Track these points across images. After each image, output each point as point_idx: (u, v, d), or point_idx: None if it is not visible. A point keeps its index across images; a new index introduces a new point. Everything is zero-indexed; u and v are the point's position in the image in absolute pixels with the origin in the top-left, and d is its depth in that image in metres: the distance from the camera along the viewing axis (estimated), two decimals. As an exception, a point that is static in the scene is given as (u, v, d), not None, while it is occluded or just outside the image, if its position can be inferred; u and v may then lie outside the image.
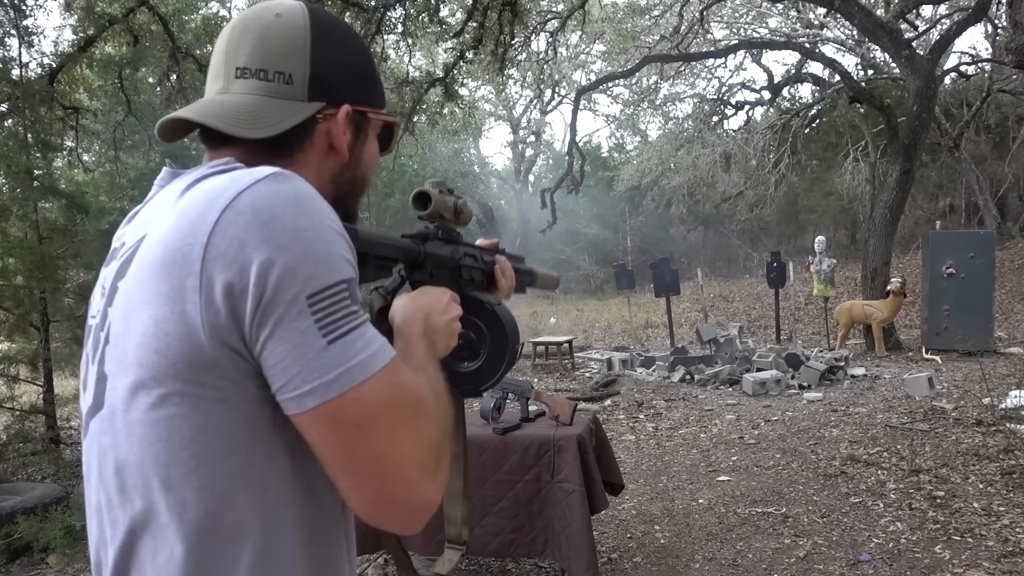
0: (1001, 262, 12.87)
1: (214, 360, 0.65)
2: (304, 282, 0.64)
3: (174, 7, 9.42)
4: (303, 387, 0.65)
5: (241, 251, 0.64)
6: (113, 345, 0.69)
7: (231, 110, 0.76)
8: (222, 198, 0.66)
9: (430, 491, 0.72)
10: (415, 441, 0.70)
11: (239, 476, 0.67)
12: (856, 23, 10.05)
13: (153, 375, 0.65)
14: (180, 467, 0.66)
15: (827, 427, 5.84)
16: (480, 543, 3.03)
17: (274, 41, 0.78)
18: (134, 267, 0.69)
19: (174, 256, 0.65)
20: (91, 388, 0.73)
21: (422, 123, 12.85)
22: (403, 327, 0.83)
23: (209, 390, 0.65)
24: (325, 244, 0.67)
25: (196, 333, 0.64)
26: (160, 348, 0.65)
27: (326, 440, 0.67)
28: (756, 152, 18.39)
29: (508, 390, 3.18)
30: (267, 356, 0.65)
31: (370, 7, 9.52)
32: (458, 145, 27.51)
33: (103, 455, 0.71)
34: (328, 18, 0.83)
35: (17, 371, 5.65)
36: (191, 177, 0.73)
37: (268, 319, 0.64)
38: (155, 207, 0.74)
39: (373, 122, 0.87)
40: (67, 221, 5.95)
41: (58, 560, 3.88)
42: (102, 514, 0.72)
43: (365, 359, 0.66)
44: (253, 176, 0.68)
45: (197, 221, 0.66)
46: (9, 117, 6.36)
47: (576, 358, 10.11)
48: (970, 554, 3.33)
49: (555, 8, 13.95)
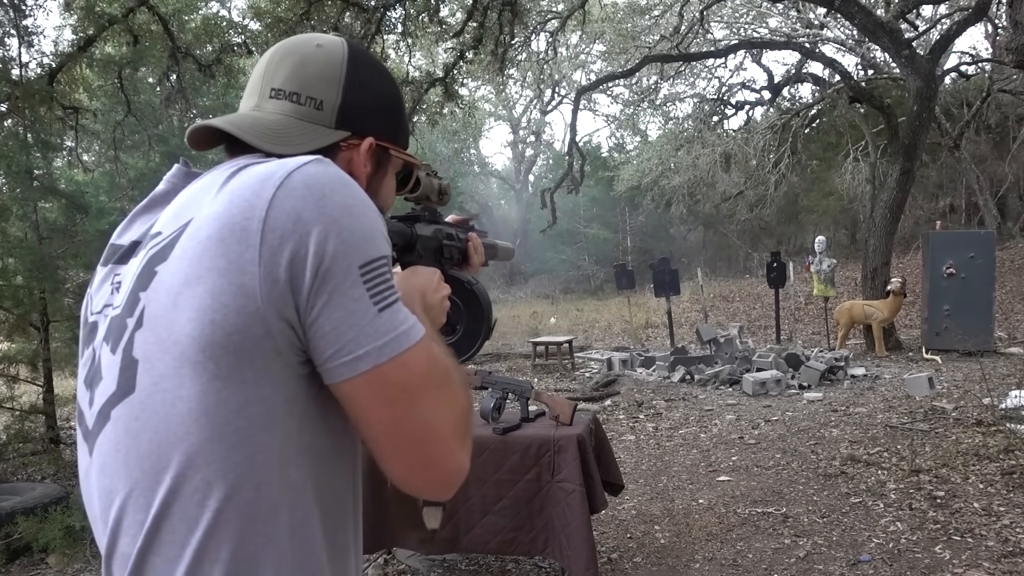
0: (1001, 262, 12.87)
1: (267, 330, 0.67)
2: (356, 253, 0.69)
3: (174, 7, 9.41)
4: (357, 351, 0.68)
5: (299, 222, 0.68)
6: (148, 329, 0.70)
7: (261, 125, 0.81)
8: (275, 177, 0.70)
9: (462, 457, 0.76)
10: (449, 409, 0.75)
11: (278, 451, 0.70)
12: (856, 23, 10.05)
13: (204, 347, 0.66)
14: (224, 441, 0.68)
15: (827, 427, 5.84)
16: (480, 541, 3.03)
17: (311, 68, 0.84)
18: (179, 249, 0.70)
19: (232, 231, 0.68)
20: (112, 377, 0.73)
21: (422, 123, 12.85)
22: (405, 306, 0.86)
23: (258, 362, 0.68)
24: (371, 220, 0.72)
25: (254, 302, 0.67)
26: (216, 319, 0.66)
27: (374, 405, 0.71)
28: (756, 152, 18.39)
29: (508, 390, 3.18)
30: (322, 323, 0.68)
31: (370, 7, 9.52)
32: (458, 145, 27.54)
33: (134, 438, 0.71)
34: (366, 57, 0.89)
35: (17, 371, 5.65)
36: (231, 168, 0.75)
37: (326, 286, 0.68)
38: (192, 196, 0.76)
39: (394, 160, 0.92)
40: (67, 221, 5.96)
41: (58, 560, 3.88)
42: (124, 502, 0.71)
43: (409, 328, 0.71)
44: (301, 160, 0.73)
45: (252, 198, 0.69)
46: (9, 117, 6.36)
47: (576, 358, 10.12)
48: (970, 554, 3.33)
49: (555, 8, 13.96)
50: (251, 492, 0.68)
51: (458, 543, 3.05)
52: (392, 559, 3.57)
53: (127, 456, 0.71)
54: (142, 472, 0.70)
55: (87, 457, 0.77)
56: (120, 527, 0.72)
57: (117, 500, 0.72)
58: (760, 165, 18.55)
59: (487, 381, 3.21)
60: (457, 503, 3.02)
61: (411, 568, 3.51)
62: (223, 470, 0.68)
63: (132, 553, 0.70)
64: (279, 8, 9.47)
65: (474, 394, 5.76)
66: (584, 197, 25.16)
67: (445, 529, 3.01)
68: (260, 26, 9.62)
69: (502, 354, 11.06)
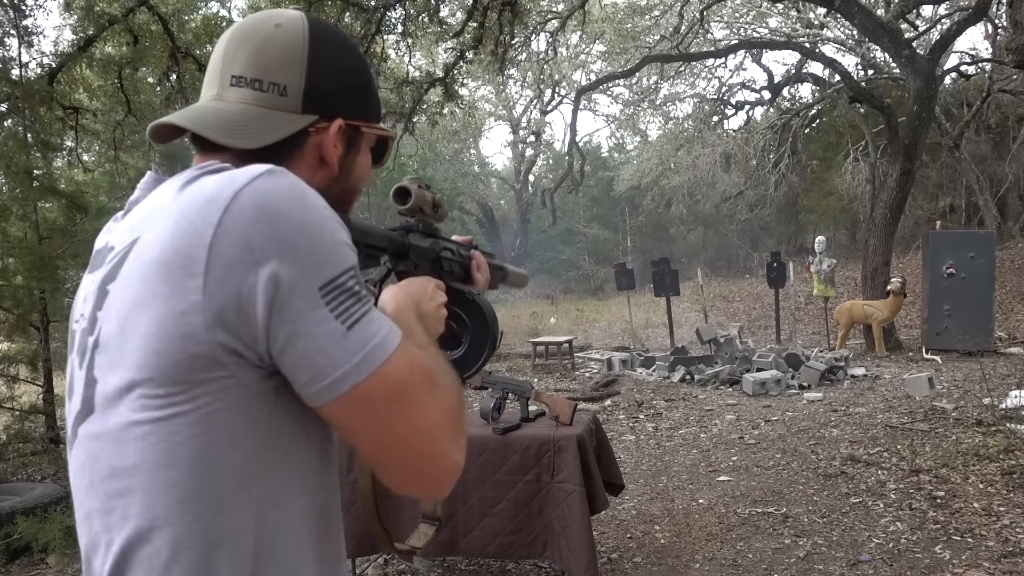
0: (1001, 262, 12.86)
1: (214, 359, 0.65)
2: (314, 275, 0.66)
3: (174, 7, 9.41)
4: (333, 374, 0.66)
5: (249, 251, 0.64)
6: (104, 350, 0.69)
7: (222, 118, 0.77)
8: (222, 196, 0.66)
9: (457, 454, 0.76)
10: (437, 409, 0.74)
11: (242, 471, 0.68)
12: (856, 23, 10.05)
13: (152, 376, 0.65)
14: (181, 466, 0.66)
15: (827, 427, 5.83)
16: (479, 545, 3.02)
17: (271, 52, 0.79)
18: (127, 270, 0.69)
19: (175, 256, 0.65)
20: (79, 393, 0.72)
21: (422, 123, 12.85)
22: (396, 316, 0.84)
23: (210, 386, 0.66)
24: (329, 234, 0.68)
25: (197, 332, 0.64)
26: (160, 349, 0.65)
27: (361, 422, 0.69)
28: (756, 152, 18.40)
29: (508, 390, 3.18)
30: (291, 352, 0.66)
31: (370, 7, 9.52)
32: (458, 145, 27.52)
33: (95, 460, 0.70)
34: (328, 31, 0.83)
35: (17, 371, 5.64)
36: (182, 179, 0.72)
37: (286, 315, 0.65)
38: (146, 210, 0.73)
39: (367, 136, 0.87)
40: (67, 221, 5.94)
41: (57, 560, 3.88)
42: (93, 521, 0.71)
43: (383, 339, 0.69)
44: (250, 174, 0.68)
45: (198, 221, 0.65)
46: (9, 117, 6.36)
47: (576, 358, 10.11)
48: (970, 554, 3.33)
49: (555, 8, 13.96)
50: (212, 516, 0.67)
51: (457, 546, 3.04)
52: (392, 559, 3.57)
53: (91, 477, 0.71)
54: (106, 494, 0.69)
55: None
56: (92, 544, 0.72)
57: (88, 518, 0.72)
58: (760, 165, 18.56)
59: (487, 381, 3.21)
60: (456, 505, 3.02)
61: (411, 568, 3.52)
62: (182, 495, 0.66)
63: (104, 572, 0.70)
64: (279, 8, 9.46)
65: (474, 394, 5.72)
66: (584, 197, 25.18)
67: (444, 532, 3.01)
68: (260, 26, 9.59)
69: (502, 354, 11.06)
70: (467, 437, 0.80)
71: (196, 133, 0.77)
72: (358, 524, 2.99)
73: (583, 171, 14.29)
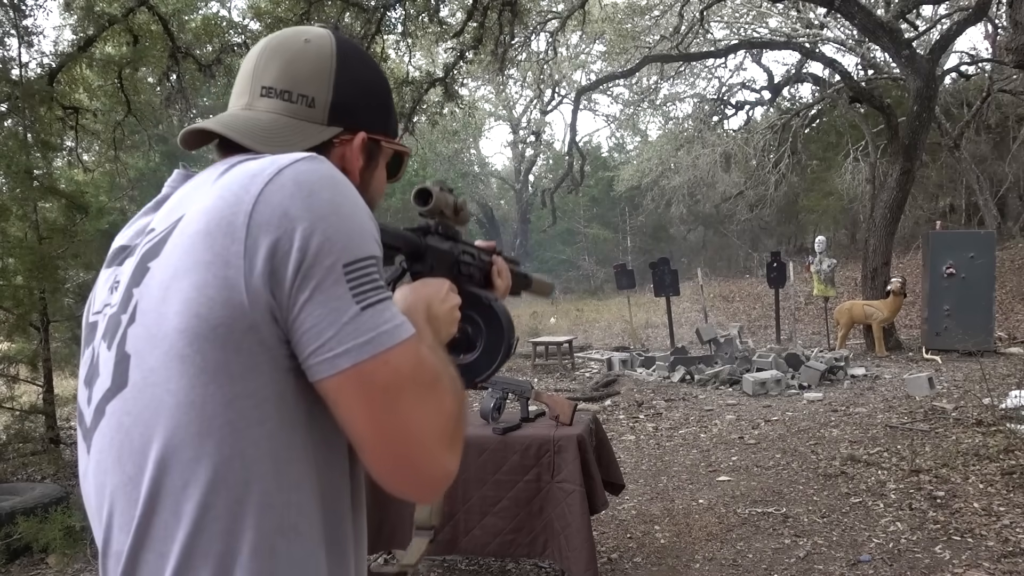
0: (1001, 262, 12.86)
1: (252, 323, 0.67)
2: (341, 251, 0.68)
3: (174, 7, 9.41)
4: (338, 348, 0.67)
5: (285, 218, 0.67)
6: (140, 323, 0.70)
7: (252, 125, 0.81)
8: (264, 173, 0.70)
9: (449, 462, 0.75)
10: (436, 412, 0.73)
11: (268, 445, 0.69)
12: (856, 23, 10.05)
13: (191, 341, 0.67)
14: (213, 435, 0.67)
15: (827, 427, 5.84)
16: (480, 544, 3.03)
17: (301, 65, 0.83)
18: (171, 244, 0.71)
19: (219, 224, 0.68)
20: (107, 373, 0.73)
21: (422, 123, 12.85)
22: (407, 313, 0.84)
23: (244, 355, 0.67)
24: (359, 220, 0.71)
25: (239, 295, 0.66)
26: (201, 312, 0.66)
27: (355, 403, 0.69)
28: (756, 152, 18.41)
29: (508, 390, 3.18)
30: (303, 320, 0.68)
31: (370, 7, 9.53)
32: (458, 145, 27.53)
33: (126, 433, 0.71)
34: (353, 49, 0.88)
35: (17, 371, 5.64)
36: (223, 166, 0.76)
37: (308, 283, 0.67)
38: (186, 193, 0.77)
39: (385, 150, 0.91)
40: (67, 221, 5.94)
41: (57, 560, 3.88)
42: (115, 497, 0.71)
43: (394, 327, 0.70)
44: (293, 157, 0.72)
45: (240, 192, 0.69)
46: (9, 117, 6.36)
47: (576, 358, 10.11)
48: (970, 554, 3.33)
49: (555, 8, 13.96)
50: (241, 488, 0.68)
51: (457, 545, 3.05)
52: (392, 559, 3.58)
53: (120, 451, 0.71)
54: (134, 467, 0.70)
55: (86, 456, 0.77)
56: (112, 523, 0.72)
57: (109, 496, 0.72)
58: (760, 165, 18.56)
59: (487, 381, 3.20)
60: (456, 505, 3.02)
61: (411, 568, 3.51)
62: (211, 465, 0.67)
63: (124, 550, 0.70)
64: (279, 8, 9.48)
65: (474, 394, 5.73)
66: (584, 197, 25.19)
67: (444, 531, 3.01)
68: (260, 26, 9.62)
69: (502, 354, 11.04)
70: (467, 437, 0.79)
71: (227, 139, 0.79)
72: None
73: (583, 171, 14.29)
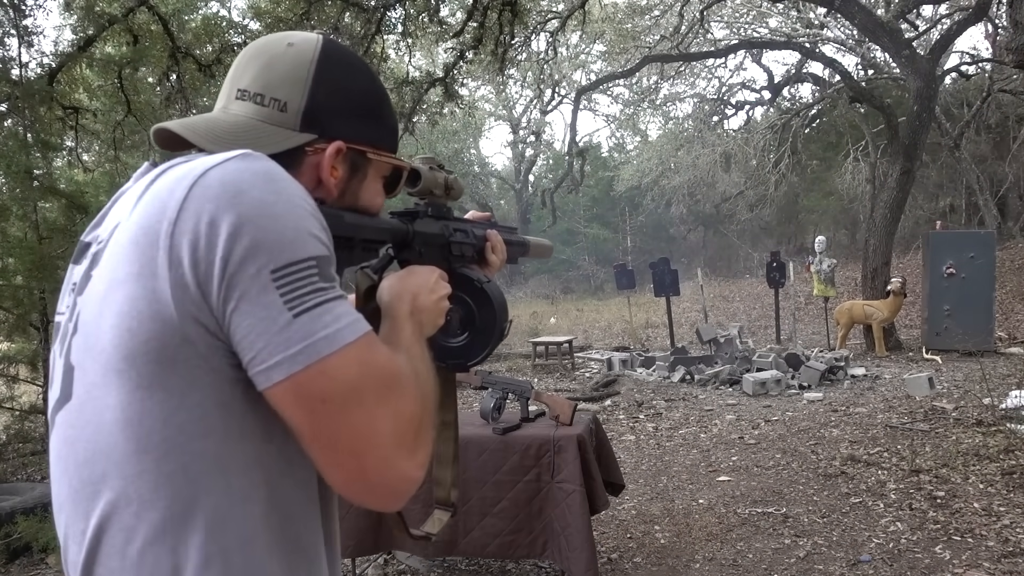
0: (1001, 262, 12.86)
1: (184, 337, 0.64)
2: (269, 256, 0.64)
3: (174, 7, 9.41)
4: (269, 360, 0.64)
5: (208, 224, 0.64)
6: (81, 334, 0.69)
7: (216, 127, 0.78)
8: (191, 175, 0.67)
9: (407, 468, 0.71)
10: (390, 418, 0.69)
11: (213, 458, 0.67)
12: (856, 23, 10.05)
13: (125, 355, 0.65)
14: (153, 451, 0.65)
15: (827, 427, 5.83)
16: (480, 545, 3.02)
17: (278, 68, 0.80)
18: (108, 253, 0.69)
19: (146, 234, 0.65)
20: (58, 381, 0.72)
21: (422, 123, 12.85)
22: (390, 307, 0.83)
23: (181, 368, 0.65)
24: (293, 220, 0.66)
25: (167, 309, 0.64)
26: (132, 327, 0.64)
27: (296, 415, 0.67)
28: (756, 152, 18.41)
29: (508, 390, 3.18)
30: (234, 331, 0.65)
31: (370, 7, 9.52)
32: (458, 145, 27.54)
33: (71, 447, 0.70)
34: (342, 54, 0.84)
35: (17, 371, 5.64)
36: (161, 168, 0.73)
37: (233, 293, 0.64)
38: (127, 198, 0.74)
39: (376, 163, 0.86)
40: (67, 221, 5.93)
41: (58, 560, 3.88)
42: (67, 509, 0.71)
43: (332, 333, 0.66)
44: (223, 156, 0.69)
45: (166, 198, 0.66)
46: (9, 117, 6.36)
47: (576, 358, 10.11)
48: (970, 554, 3.33)
49: (555, 8, 13.95)
50: (187, 502, 0.66)
51: (456, 546, 3.04)
52: (392, 559, 3.58)
53: (66, 464, 0.70)
54: (80, 481, 0.69)
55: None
56: (68, 533, 0.71)
57: (62, 506, 0.72)
58: (760, 165, 18.57)
59: (487, 381, 3.21)
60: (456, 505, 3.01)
61: (411, 568, 3.51)
62: (152, 481, 0.65)
63: (79, 562, 0.69)
64: (279, 8, 9.47)
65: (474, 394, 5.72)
66: (584, 197, 25.19)
67: (444, 531, 3.01)
68: (260, 26, 9.61)
69: (502, 354, 11.05)
70: (467, 437, 0.78)
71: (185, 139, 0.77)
72: (358, 523, 2.99)
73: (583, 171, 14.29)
